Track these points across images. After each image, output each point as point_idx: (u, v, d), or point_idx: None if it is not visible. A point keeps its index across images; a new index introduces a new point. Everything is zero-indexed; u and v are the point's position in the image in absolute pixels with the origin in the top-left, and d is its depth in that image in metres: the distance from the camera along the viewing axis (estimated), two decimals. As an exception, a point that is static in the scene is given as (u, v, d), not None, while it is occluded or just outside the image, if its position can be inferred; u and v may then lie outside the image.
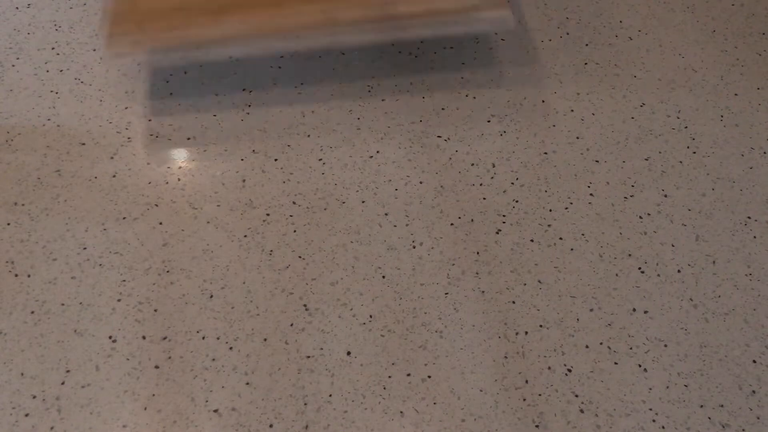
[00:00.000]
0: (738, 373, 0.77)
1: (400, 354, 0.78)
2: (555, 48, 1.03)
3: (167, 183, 0.91)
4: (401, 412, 0.74)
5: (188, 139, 0.95)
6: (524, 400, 0.75)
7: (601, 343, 0.79)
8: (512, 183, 0.91)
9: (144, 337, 0.79)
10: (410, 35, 0.85)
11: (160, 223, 0.87)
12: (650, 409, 0.75)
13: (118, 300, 0.82)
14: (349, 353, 0.78)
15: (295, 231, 0.87)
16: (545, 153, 0.93)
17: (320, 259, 0.84)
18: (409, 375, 0.77)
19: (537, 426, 0.73)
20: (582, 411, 0.74)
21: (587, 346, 0.79)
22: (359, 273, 0.83)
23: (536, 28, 1.05)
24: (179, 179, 0.91)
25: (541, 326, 0.80)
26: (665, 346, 0.79)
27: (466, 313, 0.81)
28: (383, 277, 0.83)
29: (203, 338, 0.79)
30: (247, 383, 0.76)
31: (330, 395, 0.75)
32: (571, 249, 0.85)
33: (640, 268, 0.84)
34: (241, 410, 0.74)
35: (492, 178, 0.91)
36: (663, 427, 0.74)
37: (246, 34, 0.81)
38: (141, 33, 0.81)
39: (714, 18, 1.08)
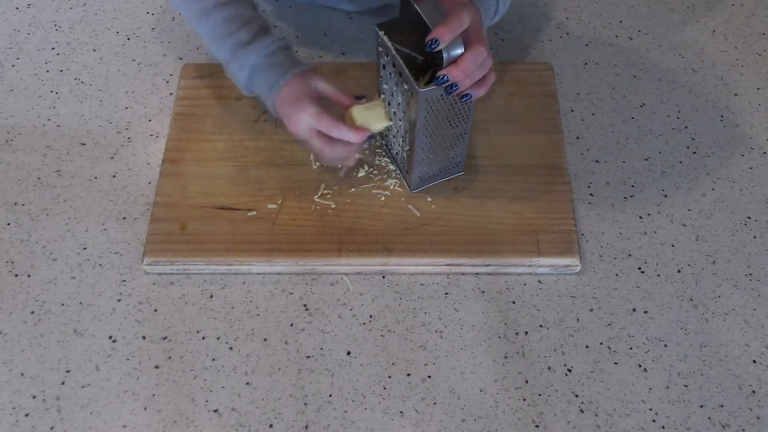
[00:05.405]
0: (738, 373, 0.77)
1: (400, 354, 0.78)
2: (555, 48, 1.03)
3: (167, 183, 0.90)
4: (401, 412, 0.74)
5: (188, 139, 0.95)
6: (524, 400, 0.75)
7: (601, 343, 0.79)
8: (512, 183, 0.90)
9: (144, 337, 0.79)
10: None
11: (160, 223, 0.87)
12: (650, 409, 0.75)
13: (118, 300, 0.82)
14: (349, 353, 0.78)
15: (295, 231, 0.86)
16: (545, 153, 0.93)
17: (320, 259, 0.84)
18: (409, 375, 0.77)
19: (537, 426, 0.73)
20: (582, 411, 0.74)
21: (587, 346, 0.79)
22: (359, 273, 0.83)
23: (536, 28, 1.05)
24: (179, 179, 0.91)
25: (541, 326, 0.80)
26: (665, 346, 0.79)
27: (466, 313, 0.81)
28: (383, 277, 0.83)
29: (203, 338, 0.79)
30: (247, 383, 0.76)
31: (330, 395, 0.75)
32: (571, 249, 0.85)
33: (640, 268, 0.84)
34: (241, 410, 0.75)
35: (492, 178, 0.91)
36: (663, 427, 0.74)
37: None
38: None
39: (714, 18, 1.08)
